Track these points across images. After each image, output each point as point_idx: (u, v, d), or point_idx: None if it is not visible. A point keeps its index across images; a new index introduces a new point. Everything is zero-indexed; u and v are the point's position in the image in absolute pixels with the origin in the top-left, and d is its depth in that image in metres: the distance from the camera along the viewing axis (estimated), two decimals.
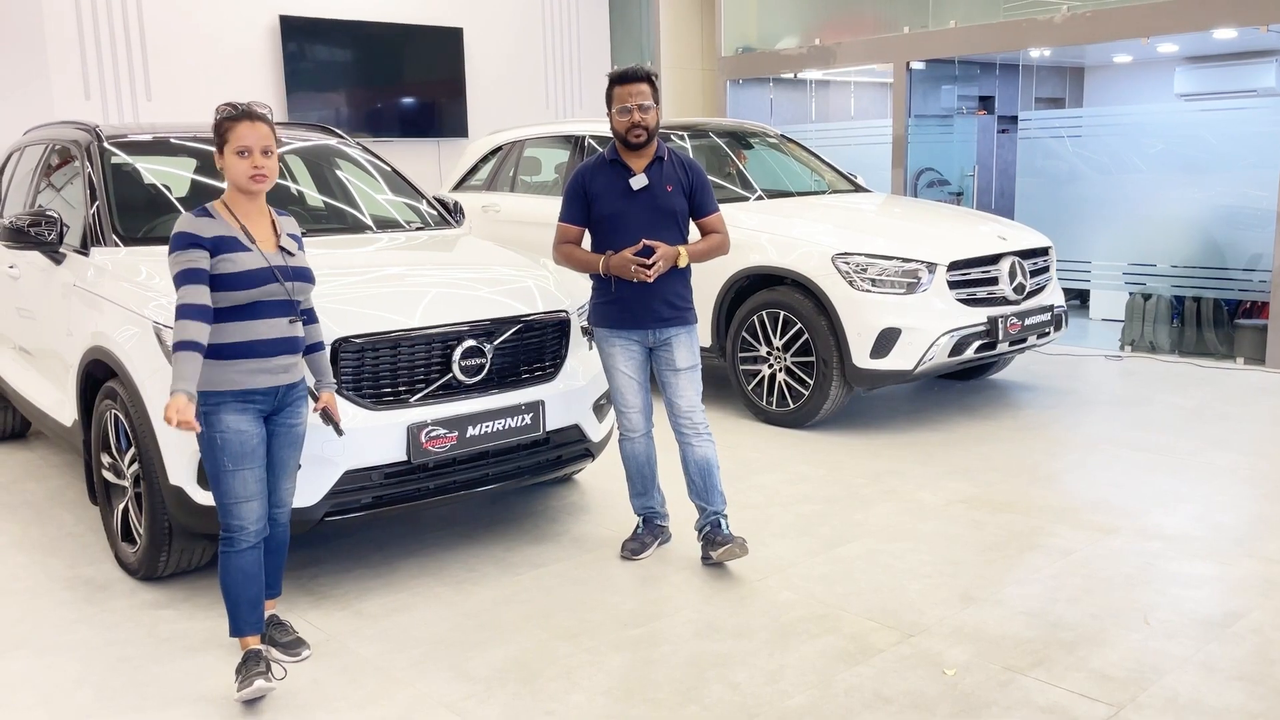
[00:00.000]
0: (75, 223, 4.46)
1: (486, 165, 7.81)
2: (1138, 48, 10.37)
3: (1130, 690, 3.01)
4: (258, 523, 3.08)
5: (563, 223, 3.95)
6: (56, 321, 4.40)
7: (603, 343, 3.97)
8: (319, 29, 8.23)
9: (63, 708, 3.05)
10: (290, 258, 3.13)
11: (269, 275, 3.02)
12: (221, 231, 3.01)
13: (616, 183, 3.86)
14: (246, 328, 3.01)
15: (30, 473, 5.35)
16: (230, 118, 3.05)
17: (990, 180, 10.83)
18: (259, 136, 3.04)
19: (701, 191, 3.95)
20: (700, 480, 3.93)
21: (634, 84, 3.80)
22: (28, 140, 5.56)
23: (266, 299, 3.03)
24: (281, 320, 3.07)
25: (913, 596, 3.67)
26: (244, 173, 3.03)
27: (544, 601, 3.70)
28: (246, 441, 3.03)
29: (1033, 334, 5.96)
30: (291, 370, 3.13)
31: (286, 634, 3.34)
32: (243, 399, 3.03)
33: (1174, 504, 4.54)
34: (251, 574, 3.10)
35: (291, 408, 3.17)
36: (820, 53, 9.80)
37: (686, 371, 3.91)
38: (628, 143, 3.83)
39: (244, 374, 3.02)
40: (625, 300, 3.85)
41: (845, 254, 5.61)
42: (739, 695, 3.04)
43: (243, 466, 3.03)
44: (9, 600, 3.80)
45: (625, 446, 4.05)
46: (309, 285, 3.19)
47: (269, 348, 3.05)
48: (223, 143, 3.05)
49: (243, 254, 3.00)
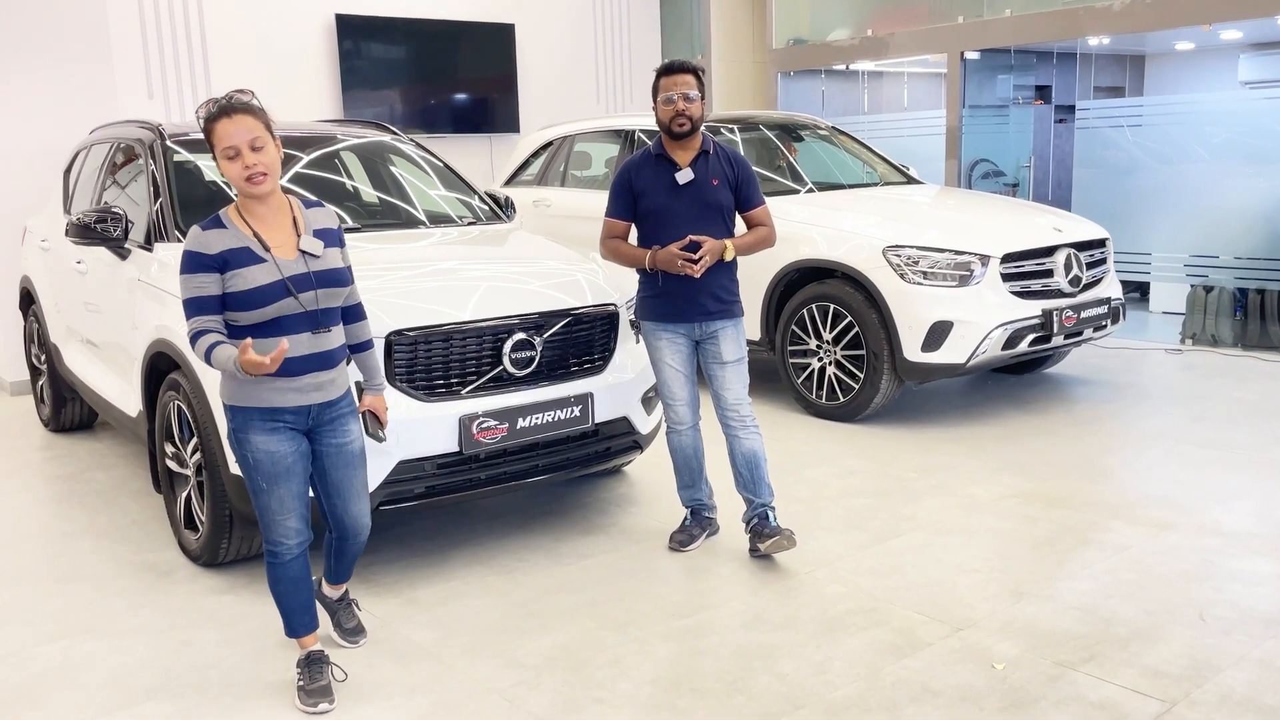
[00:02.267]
0: (139, 219, 4.59)
1: (537, 160, 7.87)
2: (1200, 34, 10.13)
3: (1184, 687, 2.97)
4: (298, 535, 2.97)
5: (609, 218, 3.98)
6: (122, 315, 4.53)
7: (649, 336, 4.00)
8: (373, 27, 8.35)
9: (129, 689, 3.16)
10: (314, 260, 2.86)
11: (282, 289, 2.77)
12: (231, 244, 2.77)
13: (662, 177, 3.88)
14: (271, 346, 2.74)
15: (97, 462, 5.52)
16: (209, 117, 2.76)
17: (1047, 171, 10.66)
18: (244, 131, 2.74)
19: (747, 185, 3.95)
20: (747, 473, 3.94)
21: (679, 75, 3.82)
22: (94, 139, 5.73)
23: (286, 314, 2.80)
24: (305, 335, 2.84)
25: (962, 591, 3.65)
26: (239, 175, 2.76)
27: (592, 591, 3.75)
28: (279, 461, 2.87)
29: (1089, 327, 5.87)
30: (326, 388, 2.91)
31: (351, 618, 3.39)
32: (271, 417, 2.85)
33: (1233, 500, 4.45)
34: (299, 580, 3.02)
35: (334, 426, 2.97)
36: (872, 44, 9.72)
37: (733, 364, 3.92)
38: (672, 132, 3.84)
39: (271, 391, 2.83)
40: (672, 294, 3.87)
41: (896, 246, 5.57)
42: (785, 686, 3.05)
43: (277, 485, 2.89)
44: (79, 586, 3.93)
45: (672, 439, 4.07)
46: (338, 289, 2.91)
47: (295, 365, 2.82)
48: (212, 148, 2.77)
49: (254, 268, 2.76)
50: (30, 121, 6.92)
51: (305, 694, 3.02)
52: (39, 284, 5.93)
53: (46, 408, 6.12)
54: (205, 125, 2.78)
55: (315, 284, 2.85)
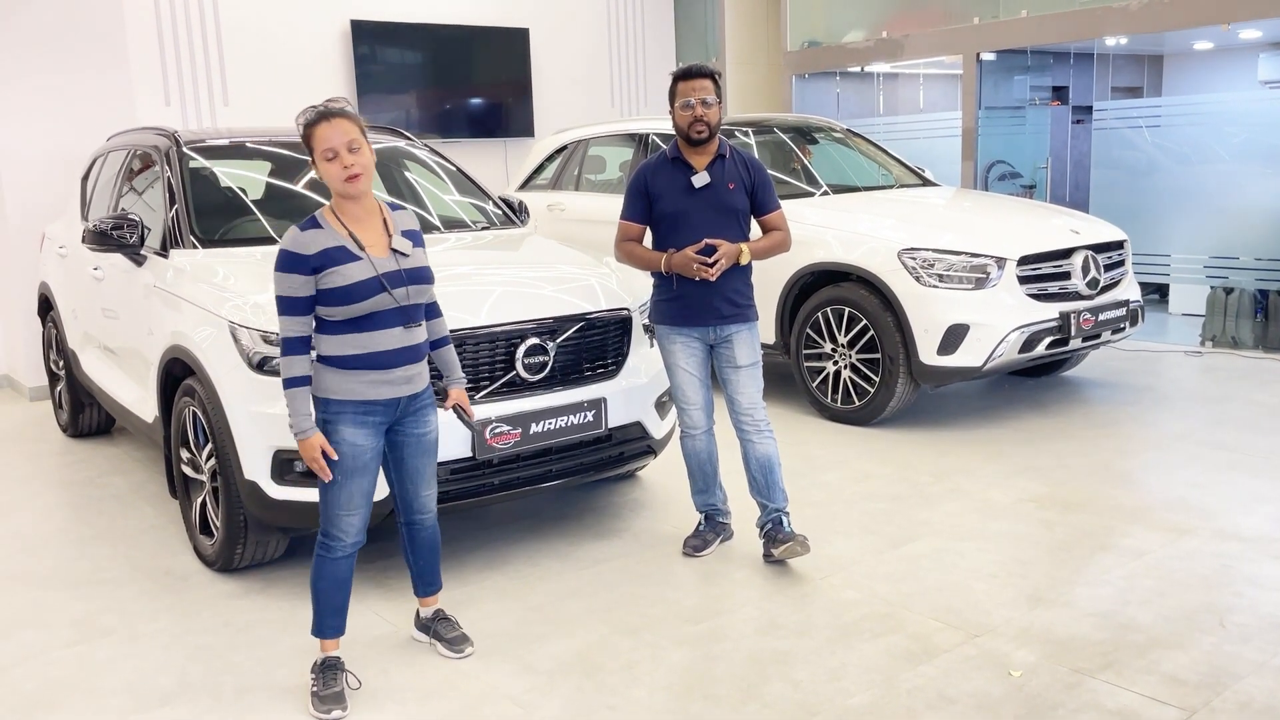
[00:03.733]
0: (156, 225, 4.61)
1: (552, 164, 7.87)
2: (1219, 34, 10.05)
3: (1203, 694, 2.94)
4: (357, 534, 3.06)
5: (624, 220, 3.97)
6: (138, 321, 4.55)
7: (664, 340, 3.99)
8: (388, 32, 8.38)
9: (145, 693, 3.17)
10: (404, 259, 3.00)
11: (376, 285, 2.91)
12: (328, 243, 2.90)
13: (678, 180, 3.87)
14: (365, 339, 2.93)
15: (115, 467, 5.56)
16: (308, 123, 2.93)
17: (1064, 173, 10.59)
18: (341, 134, 2.89)
19: (763, 189, 3.94)
20: (762, 477, 3.93)
21: (697, 79, 3.81)
22: (111, 146, 5.77)
23: (380, 309, 2.94)
24: (397, 329, 2.97)
25: (979, 596, 3.62)
26: (337, 176, 2.91)
27: (606, 596, 3.74)
28: (360, 455, 2.98)
29: (1107, 329, 5.83)
30: (414, 380, 3.05)
31: (452, 630, 3.37)
32: (364, 410, 2.97)
33: (1253, 504, 4.40)
34: (342, 580, 3.09)
35: (417, 417, 3.11)
36: (887, 45, 9.68)
37: (747, 369, 3.91)
38: (689, 138, 3.83)
39: (366, 385, 2.96)
40: (686, 298, 3.86)
41: (912, 249, 5.54)
42: (800, 693, 3.03)
43: (352, 480, 2.99)
44: (96, 590, 3.96)
45: (686, 444, 4.06)
46: (426, 286, 3.06)
47: (389, 359, 2.97)
48: (309, 148, 2.94)
49: (351, 265, 2.89)
50: (48, 128, 6.98)
51: (318, 699, 3.04)
52: (57, 290, 5.97)
53: (65, 413, 6.16)
54: (305, 130, 2.93)
55: (406, 281, 2.98)
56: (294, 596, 3.81)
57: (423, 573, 3.38)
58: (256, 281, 3.96)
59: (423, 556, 3.35)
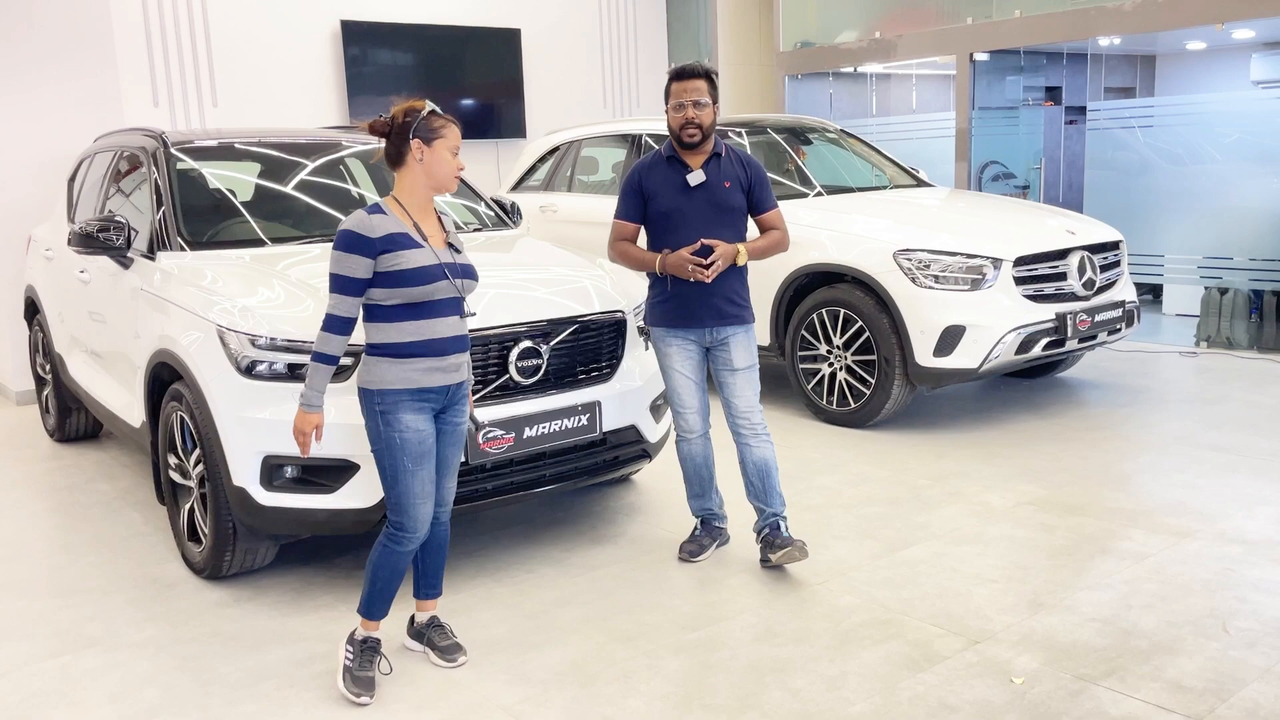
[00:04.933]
0: (143, 228, 4.55)
1: (544, 165, 7.82)
2: (1212, 34, 10.04)
3: (1208, 701, 2.89)
4: (426, 523, 3.12)
5: (618, 220, 3.90)
6: (125, 325, 4.49)
7: (659, 343, 3.93)
8: (379, 33, 8.31)
9: (131, 705, 3.11)
10: (458, 255, 3.14)
11: (440, 272, 3.02)
12: (393, 228, 3.01)
13: (674, 179, 3.81)
14: (423, 326, 3.02)
15: (102, 472, 5.48)
16: (449, 120, 3.12)
17: (1058, 173, 10.57)
18: (460, 144, 3.13)
19: (760, 188, 3.88)
20: (759, 482, 3.87)
21: (691, 80, 3.74)
22: (97, 147, 5.70)
23: (439, 297, 3.04)
24: (454, 318, 3.08)
25: (979, 602, 3.57)
26: (452, 171, 3.10)
27: (601, 604, 3.68)
28: (425, 440, 3.05)
29: (1103, 330, 5.80)
30: (462, 369, 3.14)
31: (445, 638, 3.33)
32: (419, 398, 3.04)
33: (1255, 506, 4.37)
34: (402, 571, 3.16)
35: (457, 406, 3.18)
36: (881, 46, 9.65)
37: (744, 371, 3.85)
38: (680, 141, 3.78)
39: (421, 372, 3.02)
40: (682, 299, 3.80)
41: (907, 250, 5.50)
42: (799, 702, 2.98)
43: (421, 466, 3.05)
44: (81, 599, 3.89)
45: (682, 447, 4.01)
46: (475, 283, 3.18)
47: (445, 346, 3.06)
48: (434, 137, 3.06)
49: (415, 251, 3.00)
50: (35, 129, 6.90)
51: (351, 679, 3.10)
52: (43, 293, 5.90)
53: (51, 418, 6.09)
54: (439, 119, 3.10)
55: (461, 274, 3.11)
56: (284, 605, 3.75)
57: (428, 572, 3.35)
58: (245, 285, 3.90)
59: (433, 555, 3.32)
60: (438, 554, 3.33)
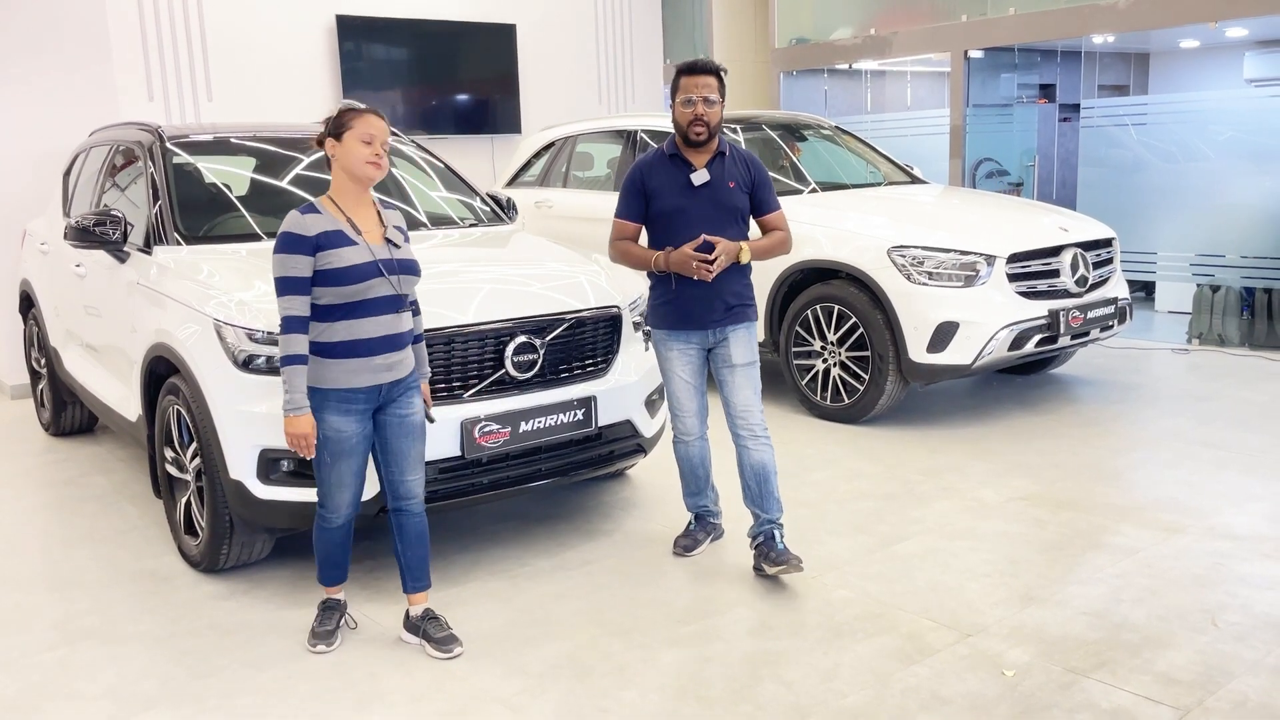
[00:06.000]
0: (139, 222, 4.55)
1: (539, 161, 7.83)
2: (1205, 32, 10.07)
3: (1197, 694, 2.93)
4: (347, 508, 3.27)
5: (619, 219, 3.84)
6: (121, 319, 4.49)
7: (660, 345, 3.89)
8: (374, 28, 8.30)
9: (128, 698, 3.12)
10: (396, 250, 3.15)
11: (374, 269, 3.06)
12: (327, 226, 3.06)
13: (677, 178, 3.75)
14: (352, 326, 3.07)
15: (97, 466, 5.49)
16: (357, 111, 3.13)
17: (1051, 170, 10.61)
18: (383, 131, 3.12)
19: (763, 188, 3.82)
20: (756, 486, 3.79)
21: (701, 75, 3.66)
22: (93, 141, 5.69)
23: (372, 295, 3.07)
24: (387, 316, 3.12)
25: (971, 596, 3.60)
26: (363, 157, 3.08)
27: (596, 597, 3.70)
28: (345, 441, 3.15)
29: (1096, 327, 5.83)
30: (396, 367, 3.17)
31: (440, 629, 3.34)
32: (345, 399, 3.11)
33: (1244, 502, 4.40)
34: (339, 543, 3.34)
35: (401, 400, 3.22)
36: (876, 43, 9.67)
37: (743, 368, 3.80)
38: (687, 138, 3.71)
39: (346, 373, 3.09)
40: (685, 299, 3.74)
41: (901, 247, 5.52)
42: (793, 694, 3.01)
43: (339, 462, 3.17)
44: (78, 592, 3.90)
45: (679, 449, 3.99)
46: (415, 278, 3.21)
47: (373, 346, 3.10)
48: (342, 130, 3.09)
49: (348, 249, 3.05)
50: (30, 124, 6.89)
51: (313, 634, 3.37)
52: (39, 287, 5.90)
53: (46, 412, 6.09)
54: (346, 112, 3.12)
55: (399, 270, 3.14)
56: (281, 598, 3.76)
57: (411, 566, 3.37)
58: (241, 278, 3.91)
59: (411, 548, 3.34)
60: (417, 546, 3.35)
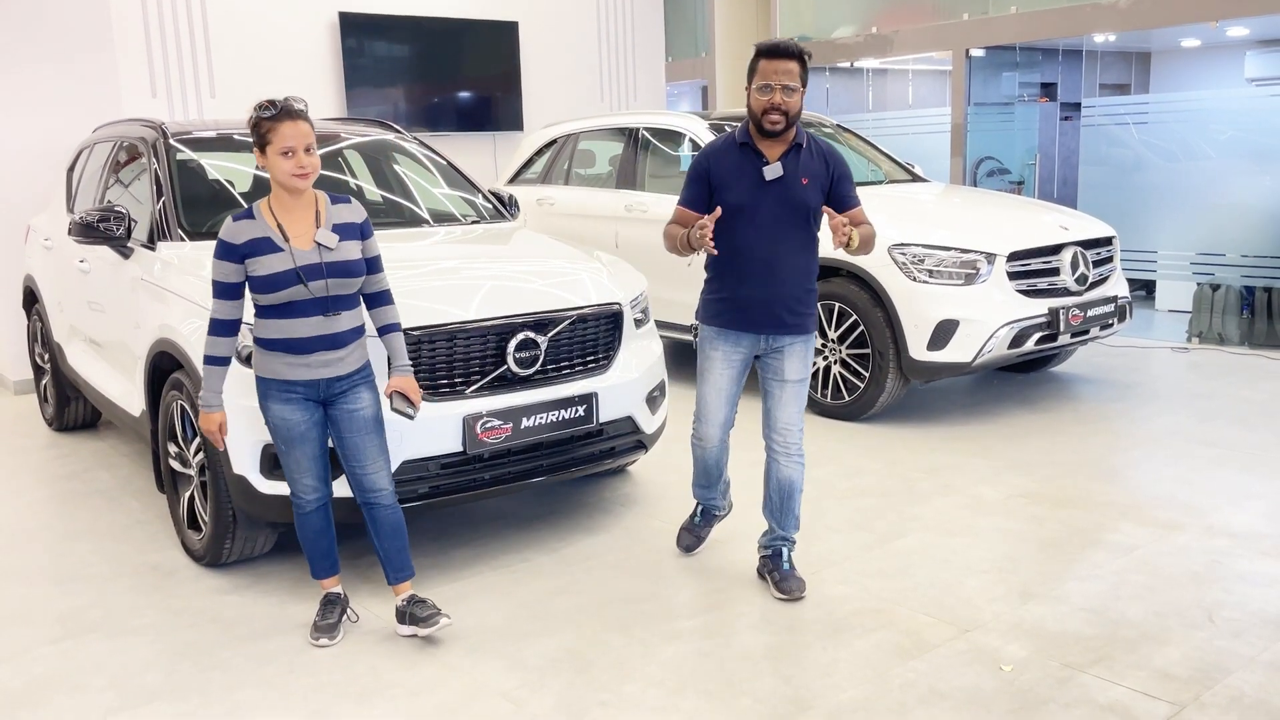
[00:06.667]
0: (142, 218, 4.57)
1: (541, 158, 7.85)
2: (1206, 31, 10.08)
3: (1193, 689, 2.95)
4: (313, 493, 3.33)
5: (681, 206, 3.52)
6: (125, 314, 4.51)
7: (706, 343, 3.61)
8: (377, 25, 8.32)
9: (132, 690, 3.14)
10: (329, 252, 3.15)
11: (292, 277, 3.09)
12: (256, 234, 3.11)
13: (747, 170, 3.43)
14: (284, 325, 3.15)
15: (101, 461, 5.51)
16: (271, 118, 3.08)
17: (1052, 169, 10.62)
18: (301, 135, 3.08)
19: (844, 183, 3.51)
20: (779, 500, 3.67)
21: (783, 60, 3.34)
22: (97, 138, 5.71)
23: (298, 299, 3.12)
24: (315, 318, 3.16)
25: (970, 592, 3.62)
26: (288, 171, 3.09)
27: (597, 592, 3.72)
28: (293, 428, 3.23)
29: (1095, 325, 5.84)
30: (335, 364, 3.21)
31: (426, 609, 3.36)
32: (285, 389, 3.20)
33: (1242, 500, 4.42)
34: (319, 529, 3.39)
35: (347, 395, 3.25)
36: (877, 41, 9.68)
37: (794, 384, 3.56)
38: (763, 129, 3.39)
39: (283, 366, 3.18)
40: (744, 300, 3.48)
41: (902, 245, 5.54)
42: (791, 688, 3.03)
43: (293, 448, 3.26)
44: (82, 586, 3.92)
45: (696, 449, 3.79)
46: (349, 279, 3.18)
47: (305, 345, 3.16)
48: (264, 143, 3.09)
49: (271, 256, 3.09)
50: (33, 119, 6.91)
51: (314, 628, 3.41)
52: (42, 283, 5.92)
53: (50, 407, 6.11)
54: (264, 122, 3.08)
55: (326, 274, 3.14)
56: (284, 592, 3.78)
57: (390, 557, 3.39)
58: None
59: (387, 539, 3.36)
60: (394, 538, 3.37)
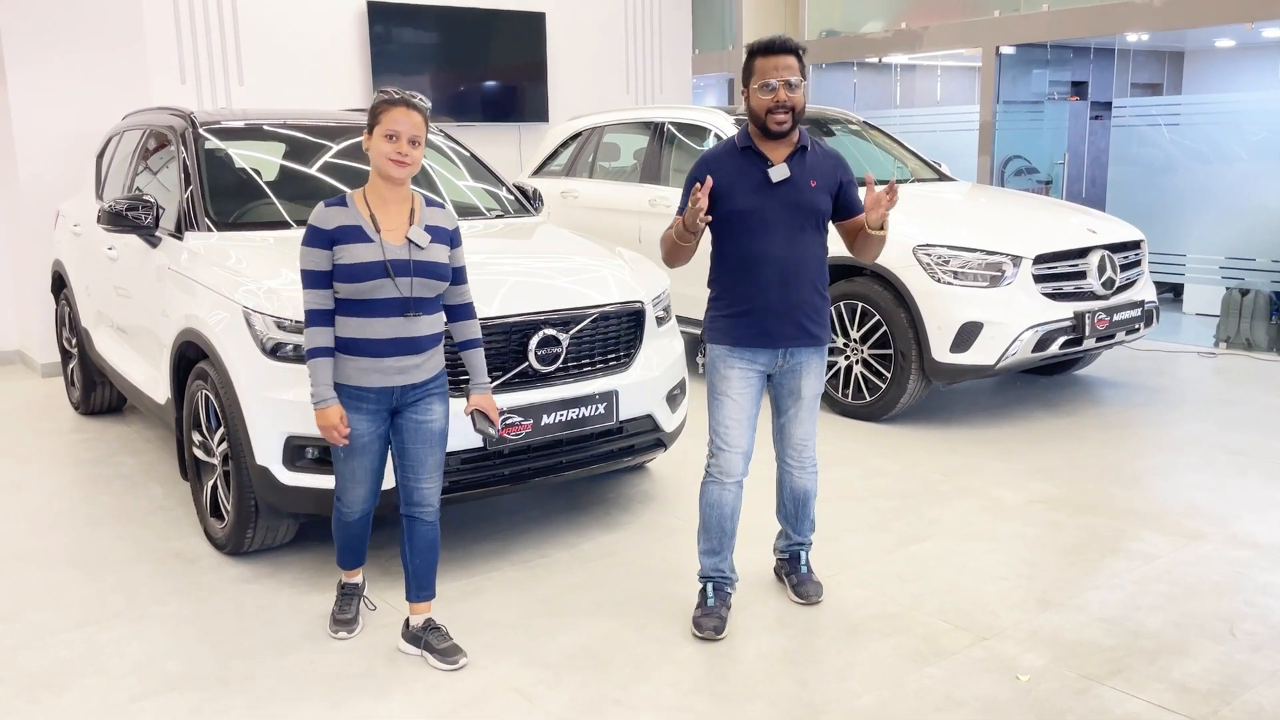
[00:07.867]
0: (170, 207, 4.60)
1: (566, 151, 7.85)
2: (1241, 32, 9.95)
3: (1212, 703, 2.92)
4: (362, 504, 3.27)
5: (680, 216, 3.24)
6: (152, 303, 4.55)
7: (718, 364, 3.35)
8: (404, 13, 8.34)
9: (153, 677, 3.18)
10: (419, 251, 3.04)
11: (380, 269, 2.98)
12: (346, 221, 3.02)
13: (750, 173, 3.27)
14: (362, 324, 3.02)
15: (125, 446, 5.57)
16: (388, 101, 3.03)
17: (1081, 169, 10.53)
18: (411, 125, 3.01)
19: (853, 187, 3.39)
20: (793, 507, 3.61)
21: (780, 56, 3.20)
22: (126, 125, 5.76)
23: (380, 295, 3.00)
24: (395, 318, 3.03)
25: (988, 598, 3.61)
26: (386, 154, 3.00)
27: (614, 590, 3.74)
28: (356, 439, 3.10)
29: (1121, 330, 5.79)
30: (410, 371, 3.08)
31: (443, 640, 3.24)
32: (356, 396, 3.07)
33: (1267, 510, 4.38)
34: (356, 534, 3.37)
35: (420, 404, 3.13)
36: (906, 37, 9.61)
37: (810, 400, 3.43)
38: (767, 129, 3.23)
39: (357, 370, 3.05)
40: (756, 315, 3.27)
41: (927, 245, 5.51)
42: (807, 692, 3.03)
43: (353, 458, 3.16)
44: (104, 571, 3.97)
45: (710, 490, 3.41)
46: (435, 281, 3.08)
47: (382, 347, 3.03)
48: (374, 124, 3.03)
49: (360, 245, 2.99)
50: (63, 106, 6.97)
51: (333, 620, 3.43)
52: (70, 268, 5.98)
53: (76, 391, 6.18)
54: (378, 105, 3.04)
55: (414, 271, 3.04)
56: (304, 582, 3.82)
57: (417, 573, 3.27)
58: (270, 266, 3.96)
59: (419, 555, 3.25)
60: (426, 554, 3.25)
